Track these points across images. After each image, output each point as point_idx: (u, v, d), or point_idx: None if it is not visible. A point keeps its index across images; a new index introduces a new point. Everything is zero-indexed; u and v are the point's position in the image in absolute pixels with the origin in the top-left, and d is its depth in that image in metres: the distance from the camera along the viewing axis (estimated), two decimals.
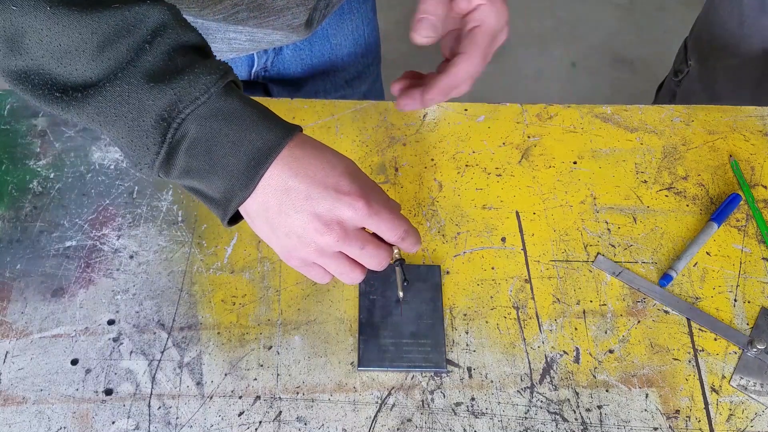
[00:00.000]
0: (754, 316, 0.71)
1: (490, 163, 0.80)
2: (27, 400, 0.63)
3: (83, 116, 0.50)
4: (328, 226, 0.53)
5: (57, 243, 0.72)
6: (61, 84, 0.49)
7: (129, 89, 0.48)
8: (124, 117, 0.49)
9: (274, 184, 0.52)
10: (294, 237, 0.54)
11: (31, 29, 0.47)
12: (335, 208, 0.53)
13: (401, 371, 0.66)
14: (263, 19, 0.73)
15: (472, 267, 0.73)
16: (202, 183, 0.52)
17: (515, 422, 0.63)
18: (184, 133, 0.50)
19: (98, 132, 0.53)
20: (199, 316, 0.68)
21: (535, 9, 2.34)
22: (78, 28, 0.47)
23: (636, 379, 0.66)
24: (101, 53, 0.48)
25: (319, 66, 0.93)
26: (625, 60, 2.18)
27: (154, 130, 0.49)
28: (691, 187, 0.79)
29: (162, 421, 0.62)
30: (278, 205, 0.53)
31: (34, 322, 0.67)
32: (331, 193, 0.53)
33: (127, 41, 0.48)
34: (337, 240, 0.54)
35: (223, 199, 0.53)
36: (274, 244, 0.56)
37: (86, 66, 0.48)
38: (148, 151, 0.50)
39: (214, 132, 0.50)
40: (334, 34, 0.90)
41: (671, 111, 0.86)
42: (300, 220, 0.53)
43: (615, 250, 0.74)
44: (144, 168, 0.52)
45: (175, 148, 0.51)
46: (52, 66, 0.48)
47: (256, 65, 0.89)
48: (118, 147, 0.52)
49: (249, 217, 0.55)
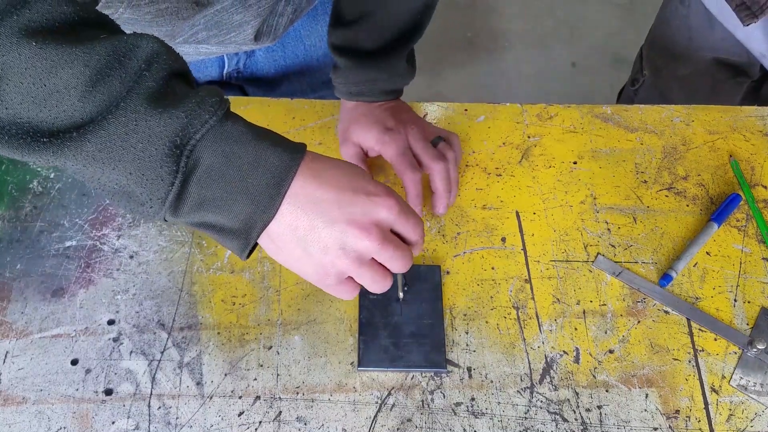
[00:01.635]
0: (754, 316, 0.71)
1: (490, 163, 0.80)
2: (27, 400, 0.63)
3: (80, 158, 0.45)
4: (367, 230, 0.51)
5: (57, 243, 0.71)
6: (46, 129, 0.44)
7: (136, 117, 0.45)
8: (133, 148, 0.45)
9: (301, 200, 0.49)
10: (332, 251, 0.51)
11: (11, 71, 0.43)
12: (371, 211, 0.51)
13: (401, 371, 0.66)
14: (224, 36, 0.73)
15: (472, 267, 0.73)
16: (218, 214, 0.48)
17: (515, 422, 0.63)
18: (196, 161, 0.47)
19: (91, 181, 0.48)
20: (199, 316, 0.68)
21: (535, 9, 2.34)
22: (69, 63, 0.43)
23: (636, 379, 0.66)
24: (94, 87, 0.44)
25: (294, 67, 0.93)
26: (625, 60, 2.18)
27: (168, 158, 0.45)
28: (691, 187, 0.79)
29: (162, 421, 0.62)
30: (309, 221, 0.50)
31: (34, 322, 0.67)
32: (361, 196, 0.51)
33: (122, 71, 0.45)
34: (377, 243, 0.51)
35: (243, 227, 0.49)
36: (307, 267, 0.52)
37: (76, 104, 0.44)
38: (162, 183, 0.46)
39: (227, 155, 0.47)
40: (308, 35, 0.90)
41: (671, 111, 0.86)
42: (337, 230, 0.50)
43: (615, 250, 0.74)
44: (154, 206, 0.47)
45: (187, 178, 0.47)
46: (32, 113, 0.44)
47: (227, 66, 0.89)
48: (118, 192, 0.47)
49: (274, 243, 0.51)
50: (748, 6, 0.87)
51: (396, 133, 0.74)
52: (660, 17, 1.13)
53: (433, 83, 2.12)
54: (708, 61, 1.06)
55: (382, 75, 0.75)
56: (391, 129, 0.74)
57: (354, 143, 0.76)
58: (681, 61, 1.09)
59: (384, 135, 0.74)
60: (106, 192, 0.48)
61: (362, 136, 0.75)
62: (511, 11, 2.33)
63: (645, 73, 1.16)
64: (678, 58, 1.09)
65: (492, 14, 2.32)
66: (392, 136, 0.74)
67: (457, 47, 2.22)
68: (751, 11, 0.87)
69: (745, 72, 1.07)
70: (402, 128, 0.75)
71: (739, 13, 0.88)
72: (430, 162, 0.73)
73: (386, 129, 0.74)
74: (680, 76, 1.10)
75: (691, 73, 1.09)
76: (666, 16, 1.10)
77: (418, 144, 0.74)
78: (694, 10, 1.03)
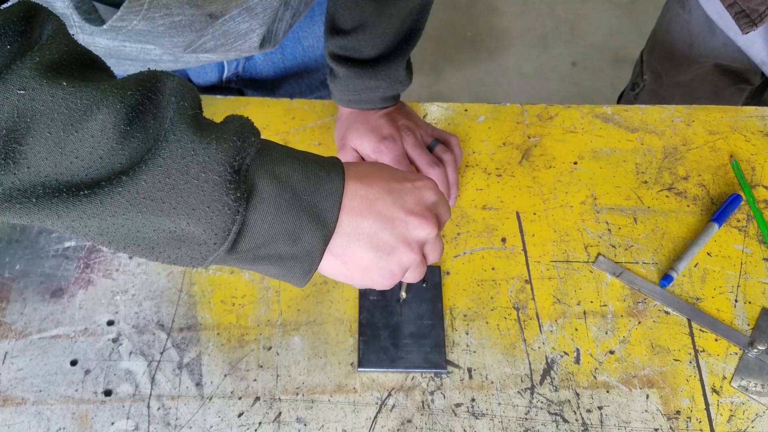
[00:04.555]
0: (755, 317, 0.70)
1: (490, 164, 0.80)
2: (26, 400, 0.63)
3: (135, 202, 0.40)
4: (425, 217, 0.50)
5: (56, 243, 0.71)
6: (82, 182, 0.40)
7: (192, 146, 0.41)
8: (195, 179, 0.41)
9: (356, 206, 0.48)
10: (399, 247, 0.50)
11: (41, 119, 0.38)
12: (421, 198, 0.51)
13: (401, 372, 0.66)
14: (231, 45, 0.73)
15: (473, 267, 0.72)
16: (278, 240, 0.45)
17: (515, 423, 0.63)
18: (251, 185, 0.44)
19: (129, 238, 0.43)
20: (198, 317, 0.68)
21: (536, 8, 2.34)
22: (104, 102, 0.39)
23: (637, 379, 0.66)
24: (131, 126, 0.40)
25: (293, 68, 0.93)
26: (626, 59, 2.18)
27: (231, 185, 0.42)
28: (691, 187, 0.79)
29: (161, 422, 0.62)
30: (370, 225, 0.48)
31: (33, 322, 0.67)
32: (408, 186, 0.51)
33: (152, 106, 0.41)
34: (435, 228, 0.51)
35: (305, 249, 0.47)
36: (373, 274, 0.51)
37: (114, 147, 0.39)
38: (228, 212, 0.42)
39: (276, 177, 0.45)
40: (305, 37, 0.90)
41: (672, 111, 0.86)
42: (399, 225, 0.49)
43: (615, 250, 0.74)
44: (217, 242, 0.43)
45: (247, 204, 0.44)
46: (60, 168, 0.39)
47: (226, 71, 0.89)
48: (164, 241, 0.43)
49: (337, 259, 0.49)
50: (747, 14, 0.87)
51: (391, 141, 0.74)
52: (660, 23, 1.12)
53: (433, 83, 2.12)
54: (709, 67, 1.06)
55: (382, 83, 0.75)
56: (386, 137, 0.74)
57: (352, 149, 0.76)
58: (681, 68, 1.08)
59: (380, 144, 0.74)
60: (146, 245, 0.43)
61: (359, 143, 0.76)
62: (512, 11, 2.33)
63: (645, 78, 1.16)
64: (678, 65, 1.08)
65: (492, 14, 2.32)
66: (388, 144, 0.74)
67: (457, 47, 2.21)
68: (750, 19, 0.87)
69: (746, 79, 1.07)
70: (398, 135, 0.75)
71: (738, 21, 0.88)
72: (426, 168, 0.73)
73: (382, 138, 0.74)
74: (681, 82, 1.10)
75: (691, 80, 1.09)
76: (666, 21, 1.10)
77: (414, 151, 0.74)
78: (695, 16, 1.03)
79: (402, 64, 0.76)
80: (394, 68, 0.75)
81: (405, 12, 0.72)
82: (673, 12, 1.07)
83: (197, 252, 0.44)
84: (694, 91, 1.09)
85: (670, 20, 1.08)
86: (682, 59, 1.07)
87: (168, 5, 0.60)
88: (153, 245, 0.43)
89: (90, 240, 0.43)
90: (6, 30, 0.38)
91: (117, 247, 0.43)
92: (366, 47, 0.73)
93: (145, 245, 0.43)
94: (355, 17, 0.72)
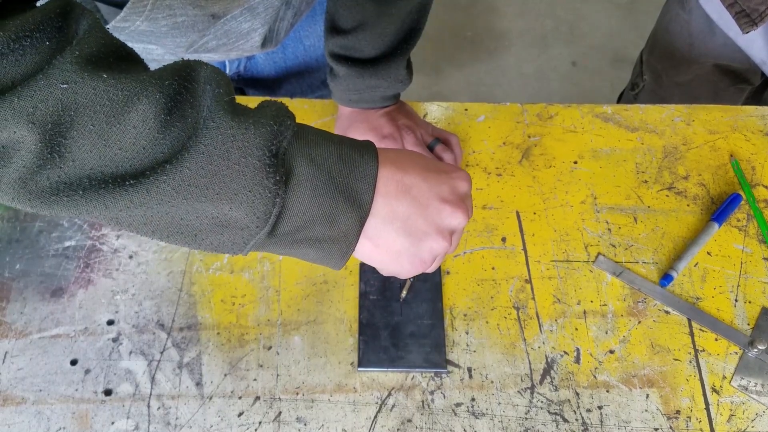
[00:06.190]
0: (755, 317, 0.70)
1: (490, 163, 0.80)
2: (26, 400, 0.63)
3: (180, 190, 0.41)
4: (458, 205, 0.51)
5: (56, 243, 0.71)
6: (127, 173, 0.40)
7: (231, 132, 0.41)
8: (236, 164, 0.41)
9: (391, 189, 0.48)
10: (431, 234, 0.50)
11: (84, 112, 0.38)
12: (455, 186, 0.51)
13: (401, 371, 0.66)
14: (233, 44, 0.73)
15: (473, 267, 0.72)
16: (316, 222, 0.46)
17: (516, 423, 0.63)
18: (288, 168, 0.44)
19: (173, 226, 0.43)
20: (198, 317, 0.68)
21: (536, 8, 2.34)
22: (145, 92, 0.39)
23: (637, 379, 0.66)
24: (170, 116, 0.40)
25: (294, 68, 0.93)
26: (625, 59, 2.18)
27: (270, 168, 0.42)
28: (691, 186, 0.79)
29: (161, 422, 0.62)
30: (405, 208, 0.49)
31: (33, 322, 0.67)
32: (442, 175, 0.51)
33: (188, 95, 0.41)
34: (466, 217, 0.51)
35: (341, 231, 0.47)
36: (403, 260, 0.51)
37: (156, 137, 0.40)
38: (269, 196, 0.43)
39: (313, 159, 0.45)
40: (307, 36, 0.90)
41: (672, 111, 0.86)
42: (433, 211, 0.50)
43: (615, 250, 0.74)
44: (259, 225, 0.43)
45: (286, 187, 0.44)
46: (104, 160, 0.40)
47: (228, 71, 0.89)
48: (206, 227, 0.44)
49: (371, 241, 0.49)
50: (748, 14, 0.86)
51: (391, 140, 0.74)
52: (660, 23, 1.12)
53: (433, 83, 2.12)
54: (709, 67, 1.06)
55: (383, 82, 0.75)
56: (386, 136, 0.75)
57: None
58: (681, 67, 1.08)
59: (380, 143, 0.74)
60: (189, 233, 0.44)
61: None
62: (512, 11, 2.33)
63: (645, 78, 1.16)
64: (678, 64, 1.08)
65: (492, 14, 2.32)
66: (388, 143, 0.74)
67: (457, 47, 2.21)
68: (750, 19, 0.87)
69: (746, 79, 1.07)
70: (398, 134, 0.75)
71: (738, 21, 0.88)
72: None
73: (382, 137, 0.75)
74: (681, 82, 1.10)
75: (691, 80, 1.09)
76: (666, 21, 1.09)
77: (414, 150, 0.74)
78: (695, 16, 1.03)
79: (402, 63, 0.76)
80: (394, 67, 0.75)
81: (405, 11, 0.72)
82: (673, 12, 1.07)
83: (239, 237, 0.44)
84: (694, 91, 1.09)
85: (670, 20, 1.08)
86: (682, 59, 1.07)
87: (171, 6, 0.60)
88: (196, 232, 0.44)
89: (134, 231, 0.43)
90: (44, 26, 0.39)
91: (161, 236, 0.44)
92: (366, 47, 0.73)
93: (189, 232, 0.44)
94: (355, 17, 0.72)
